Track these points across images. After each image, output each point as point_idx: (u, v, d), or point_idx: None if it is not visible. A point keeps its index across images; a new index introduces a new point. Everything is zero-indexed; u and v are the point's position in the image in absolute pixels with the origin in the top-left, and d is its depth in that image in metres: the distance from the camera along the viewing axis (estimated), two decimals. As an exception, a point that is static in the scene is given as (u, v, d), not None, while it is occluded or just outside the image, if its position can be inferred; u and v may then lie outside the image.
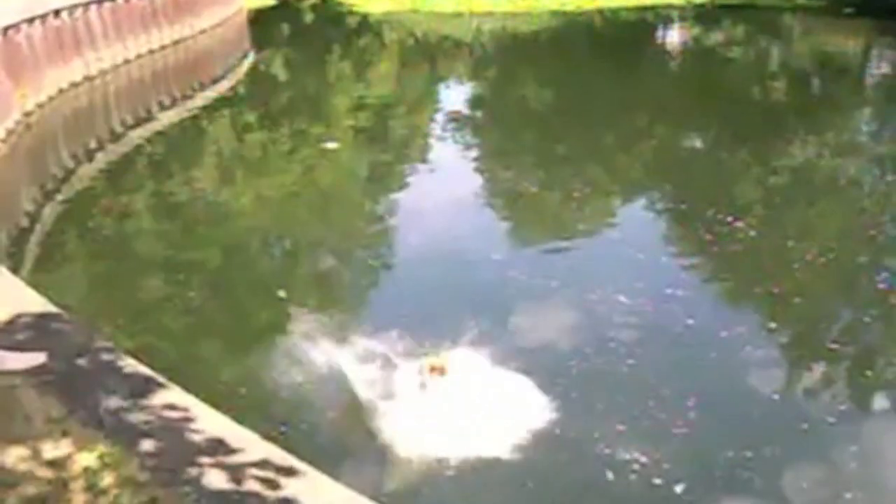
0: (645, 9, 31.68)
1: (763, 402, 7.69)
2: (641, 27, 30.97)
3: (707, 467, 6.74)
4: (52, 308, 6.74)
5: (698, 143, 17.63)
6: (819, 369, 8.38)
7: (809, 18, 29.81)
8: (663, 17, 31.42)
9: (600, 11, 31.77)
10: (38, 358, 5.59)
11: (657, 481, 6.52)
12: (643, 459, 6.71)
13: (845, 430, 7.30)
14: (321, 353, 8.05)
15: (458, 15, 32.02)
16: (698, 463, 6.79)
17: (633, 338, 8.74)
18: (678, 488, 6.45)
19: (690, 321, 9.13)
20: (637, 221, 13.08)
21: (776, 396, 7.80)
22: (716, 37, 29.58)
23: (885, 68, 25.22)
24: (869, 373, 8.35)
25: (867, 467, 6.82)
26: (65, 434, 4.81)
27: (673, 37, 30.81)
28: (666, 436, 7.04)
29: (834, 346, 8.77)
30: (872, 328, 9.27)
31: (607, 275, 10.25)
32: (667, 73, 24.98)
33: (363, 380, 7.52)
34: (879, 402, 7.90)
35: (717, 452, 6.85)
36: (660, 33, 30.94)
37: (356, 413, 7.22)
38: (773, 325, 9.13)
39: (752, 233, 11.70)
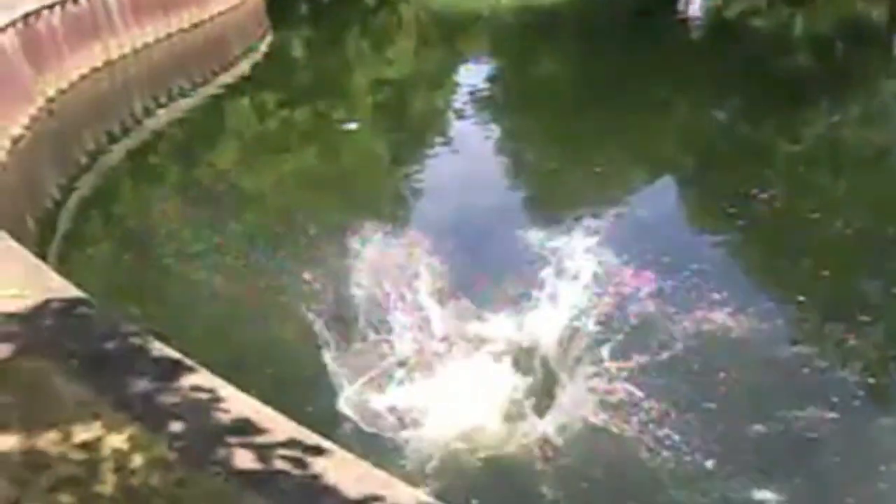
0: (666, -21, 31.18)
1: (792, 375, 7.63)
2: (662, -2, 30.55)
3: (735, 441, 6.70)
4: (78, 293, 6.80)
5: (721, 115, 17.43)
6: (849, 342, 8.26)
7: (833, -15, 29.21)
8: (684, -12, 30.95)
9: (620, -17, 31.33)
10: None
11: (688, 458, 6.48)
12: (676, 437, 6.68)
13: (876, 404, 7.23)
14: (345, 331, 8.16)
15: (477, -11, 31.71)
16: (727, 437, 6.75)
17: (657, 312, 8.68)
18: (709, 463, 6.42)
19: (716, 295, 9.04)
20: (660, 195, 12.97)
21: (806, 370, 7.73)
22: (737, 6, 29.11)
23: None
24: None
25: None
26: (95, 417, 4.87)
27: (694, 7, 30.35)
28: (694, 409, 7.01)
29: (864, 318, 8.63)
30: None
31: (631, 249, 10.15)
32: (688, 44, 24.66)
33: (380, 356, 7.60)
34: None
35: (745, 426, 6.81)
36: (681, 3, 30.48)
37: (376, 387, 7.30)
38: (801, 298, 9.01)
39: (777, 205, 11.56)
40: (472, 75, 21.68)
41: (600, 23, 27.12)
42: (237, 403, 4.99)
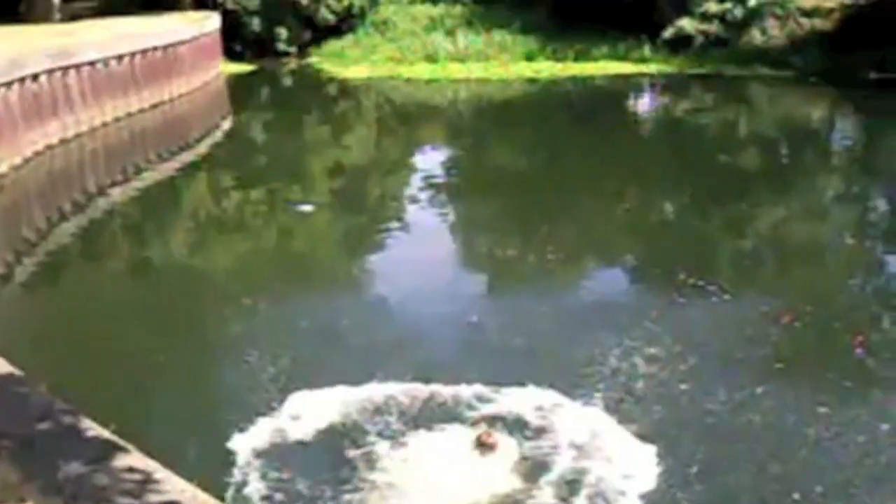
0: (617, 77, 32.30)
1: (746, 462, 7.72)
2: (613, 95, 31.55)
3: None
4: (14, 370, 6.63)
5: (669, 208, 17.88)
6: (805, 432, 8.34)
7: (775, 87, 30.55)
8: (634, 85, 32.03)
9: (573, 79, 32.31)
10: None
11: None
12: None
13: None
14: (289, 418, 8.15)
15: (435, 81, 32.45)
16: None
17: (609, 399, 8.77)
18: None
19: (668, 384, 9.15)
20: (610, 284, 13.19)
21: (764, 460, 7.82)
22: (685, 104, 30.23)
23: (846, 135, 25.94)
24: (860, 438, 8.29)
25: None
26: (22, 501, 4.68)
27: (644, 104, 31.43)
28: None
29: (822, 409, 8.74)
30: (853, 393, 9.26)
31: (583, 338, 10.30)
32: (638, 140, 25.43)
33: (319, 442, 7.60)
34: (861, 465, 7.87)
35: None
36: (631, 101, 31.56)
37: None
38: (759, 389, 9.08)
39: (726, 296, 11.80)
40: (429, 163, 22.00)
41: (553, 116, 27.88)
42: (172, 486, 4.85)
